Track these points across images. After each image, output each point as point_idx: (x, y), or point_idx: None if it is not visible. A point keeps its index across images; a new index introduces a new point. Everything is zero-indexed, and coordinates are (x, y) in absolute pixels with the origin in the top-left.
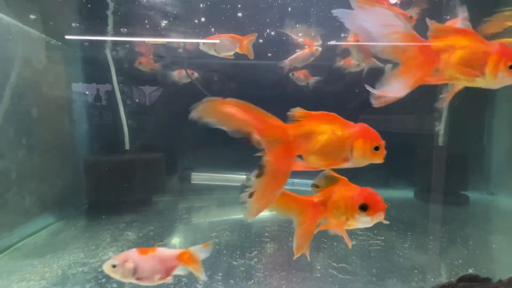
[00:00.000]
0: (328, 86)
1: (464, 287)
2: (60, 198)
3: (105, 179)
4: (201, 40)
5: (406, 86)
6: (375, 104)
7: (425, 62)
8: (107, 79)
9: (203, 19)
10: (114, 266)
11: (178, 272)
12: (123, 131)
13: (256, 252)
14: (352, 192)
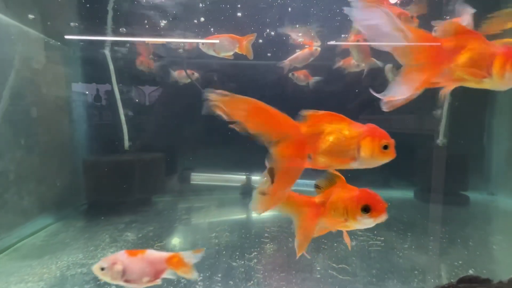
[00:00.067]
0: (328, 86)
1: None
2: (59, 198)
3: (104, 179)
4: (200, 40)
5: (415, 87)
6: (386, 108)
7: (436, 62)
8: (107, 79)
9: (202, 19)
10: (103, 269)
11: (167, 276)
12: (122, 131)
13: (255, 253)
14: (351, 193)
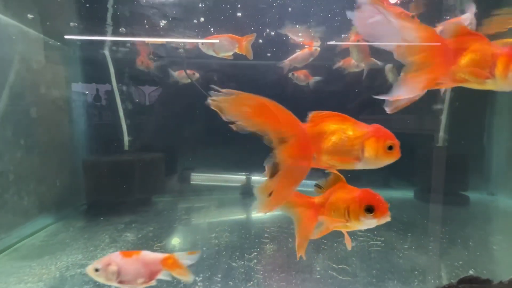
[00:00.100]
0: (328, 86)
1: None
2: (58, 198)
3: (104, 179)
4: (200, 40)
5: (420, 88)
6: (390, 110)
7: (442, 62)
8: (107, 79)
9: (202, 19)
10: (97, 270)
11: (162, 277)
12: (122, 131)
13: (255, 253)
14: (353, 193)
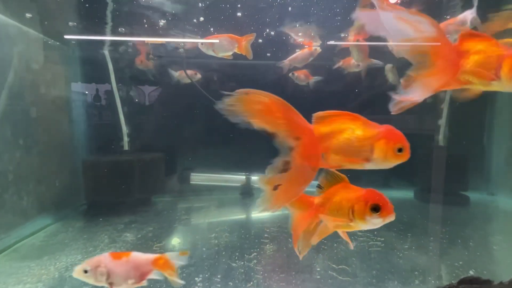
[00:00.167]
0: (328, 86)
1: None
2: (58, 199)
3: (103, 179)
4: (199, 40)
5: (429, 90)
6: (394, 111)
7: (451, 65)
8: (107, 79)
9: (202, 19)
10: (86, 271)
11: (153, 276)
12: (121, 131)
13: (255, 254)
14: (358, 193)
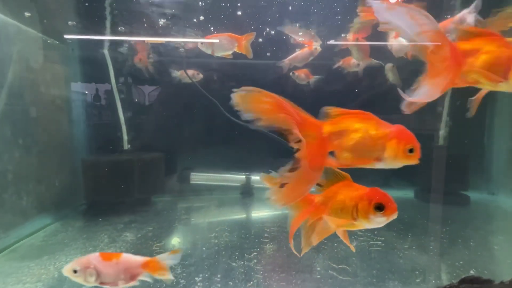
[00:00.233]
0: (328, 86)
1: None
2: (57, 198)
3: (103, 179)
4: (199, 40)
5: (437, 90)
6: (407, 111)
7: (453, 64)
8: (106, 78)
9: (202, 18)
10: (75, 271)
11: (144, 278)
12: (121, 131)
13: (255, 253)
14: (361, 192)
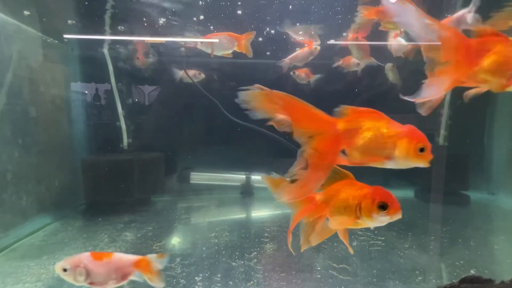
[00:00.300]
0: (328, 85)
1: None
2: (57, 198)
3: (103, 179)
4: (199, 40)
5: (444, 87)
6: (423, 113)
7: (465, 62)
8: (106, 78)
9: (202, 17)
10: (65, 270)
11: (134, 278)
12: (121, 131)
13: (255, 253)
14: (364, 190)
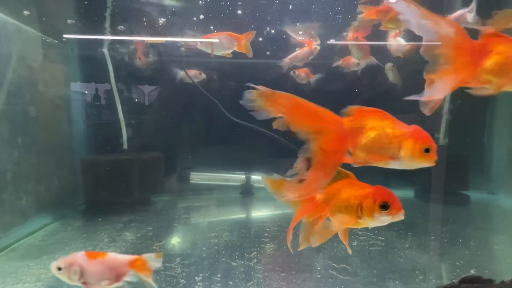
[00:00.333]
0: (328, 85)
1: None
2: (57, 198)
3: (102, 179)
4: (199, 40)
5: (448, 88)
6: (427, 112)
7: (470, 63)
8: (106, 78)
9: (201, 17)
10: (60, 269)
11: (129, 278)
12: (121, 131)
13: (255, 253)
14: (365, 190)
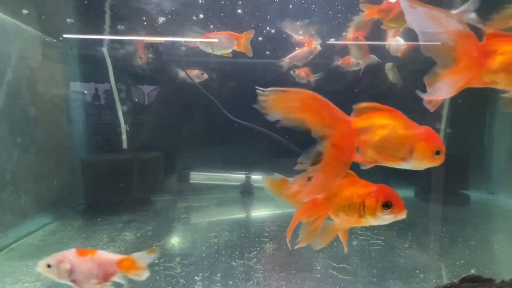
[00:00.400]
0: (328, 85)
1: None
2: (56, 198)
3: (102, 178)
4: (199, 39)
5: (454, 88)
6: (430, 109)
7: (476, 63)
8: (106, 77)
9: (201, 16)
10: (49, 266)
11: (119, 280)
12: (121, 131)
13: (255, 253)
14: (368, 189)
